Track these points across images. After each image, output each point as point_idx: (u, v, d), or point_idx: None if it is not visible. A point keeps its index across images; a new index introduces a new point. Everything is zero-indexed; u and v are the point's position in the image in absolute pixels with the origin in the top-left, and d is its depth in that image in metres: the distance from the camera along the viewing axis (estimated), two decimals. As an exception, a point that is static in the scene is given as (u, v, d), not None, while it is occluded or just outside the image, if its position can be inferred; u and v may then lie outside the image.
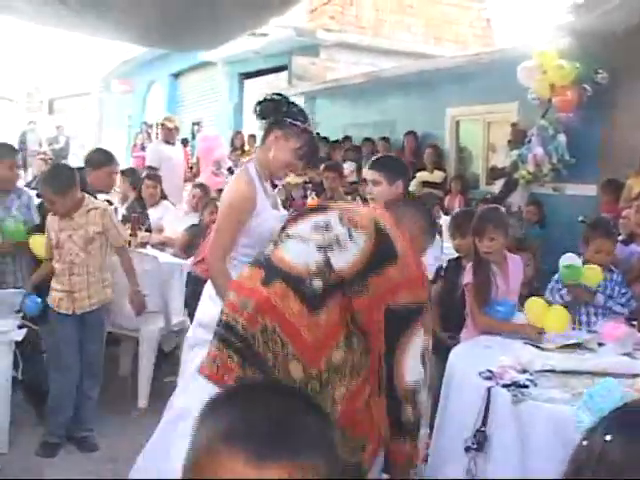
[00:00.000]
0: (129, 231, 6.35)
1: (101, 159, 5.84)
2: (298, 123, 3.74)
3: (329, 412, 2.78)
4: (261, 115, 3.81)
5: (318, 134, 12.79)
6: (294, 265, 2.93)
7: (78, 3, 6.71)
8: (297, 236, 3.06)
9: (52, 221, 4.88)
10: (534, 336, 4.00)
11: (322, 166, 8.91)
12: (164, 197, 7.61)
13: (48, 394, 4.96)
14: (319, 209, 3.21)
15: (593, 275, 4.46)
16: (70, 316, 4.84)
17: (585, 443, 1.25)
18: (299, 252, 2.97)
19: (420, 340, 2.90)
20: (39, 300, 4.94)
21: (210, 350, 3.01)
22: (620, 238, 5.24)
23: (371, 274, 2.84)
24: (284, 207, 4.30)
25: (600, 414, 1.32)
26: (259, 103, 3.84)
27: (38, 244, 5.26)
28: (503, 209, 8.27)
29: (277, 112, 3.75)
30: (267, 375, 2.82)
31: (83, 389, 4.96)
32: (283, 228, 3.24)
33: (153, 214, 7.17)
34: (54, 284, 4.89)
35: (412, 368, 2.88)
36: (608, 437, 1.21)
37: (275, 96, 3.84)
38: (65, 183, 4.79)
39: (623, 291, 4.58)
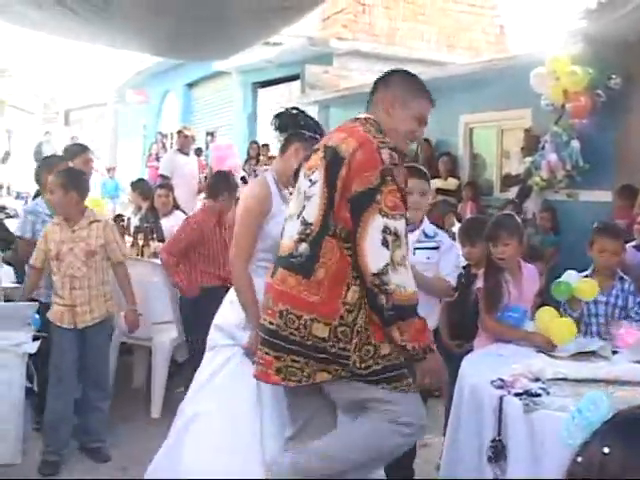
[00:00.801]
0: (142, 241, 6.38)
1: (75, 149, 6.21)
2: (317, 136, 3.85)
3: (371, 340, 2.99)
4: (279, 128, 3.97)
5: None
6: (285, 244, 3.14)
7: (91, 14, 6.77)
8: (288, 217, 3.26)
9: (52, 231, 4.83)
10: (545, 345, 3.97)
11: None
12: (177, 206, 7.62)
13: None
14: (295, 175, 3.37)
15: (588, 288, 4.37)
16: (71, 330, 4.81)
17: (580, 459, 1.23)
18: (289, 230, 3.17)
19: (378, 224, 2.93)
20: (37, 316, 4.93)
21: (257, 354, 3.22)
22: (633, 244, 5.19)
23: (333, 187, 2.99)
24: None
25: (590, 428, 1.29)
26: (277, 117, 3.99)
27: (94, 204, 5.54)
28: (519, 216, 8.27)
29: (295, 125, 3.92)
30: (303, 349, 2.97)
31: (90, 401, 4.94)
32: None
33: (166, 223, 7.19)
34: (54, 298, 4.85)
35: (374, 254, 2.92)
36: (606, 450, 1.19)
37: (292, 110, 4.01)
38: (72, 181, 4.80)
39: (638, 300, 4.51)
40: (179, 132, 10.79)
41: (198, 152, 13.23)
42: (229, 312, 3.83)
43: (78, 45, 18.49)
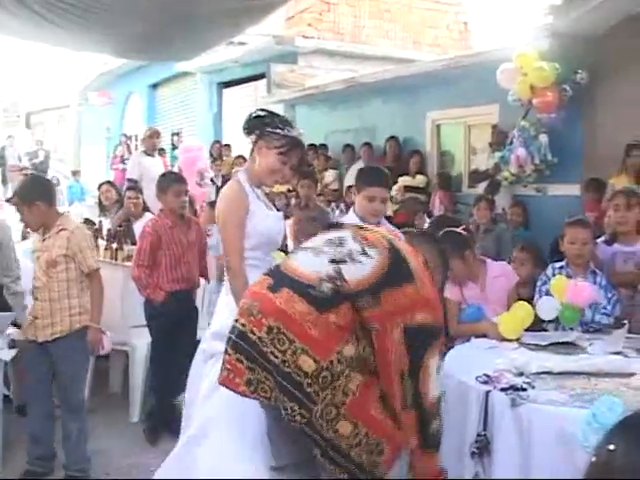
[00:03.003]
0: (115, 245, 6.33)
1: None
2: (278, 130, 3.90)
3: (339, 404, 2.86)
4: (247, 131, 4.00)
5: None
6: (303, 272, 2.99)
7: (56, 17, 6.70)
8: (309, 248, 3.13)
9: (34, 241, 4.69)
10: (495, 335, 4.15)
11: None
12: (146, 209, 7.55)
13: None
14: (333, 227, 3.27)
15: (560, 285, 4.43)
16: (34, 343, 4.56)
17: (594, 459, 1.27)
18: (310, 262, 3.03)
19: (437, 361, 2.96)
20: None
21: (224, 357, 3.05)
22: (603, 238, 5.25)
23: (385, 289, 2.90)
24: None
25: (604, 431, 1.34)
26: (245, 122, 4.02)
27: None
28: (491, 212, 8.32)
29: (261, 126, 3.94)
30: (275, 374, 2.85)
31: (63, 423, 4.65)
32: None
33: (138, 226, 7.14)
34: None
35: (434, 384, 2.94)
36: (611, 447, 1.24)
37: (260, 112, 4.03)
38: (34, 194, 4.51)
39: (609, 295, 4.58)
40: (155, 132, 10.66)
41: (161, 152, 13.11)
42: (226, 319, 3.74)
43: (39, 47, 18.28)
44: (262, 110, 4.06)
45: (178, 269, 5.46)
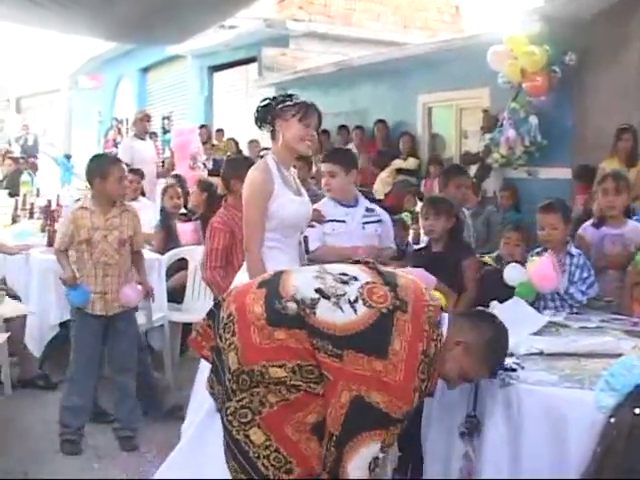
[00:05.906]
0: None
1: None
2: (287, 102, 4.07)
3: (255, 411, 2.78)
4: (261, 122, 4.16)
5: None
6: (287, 284, 2.91)
7: (50, 1, 6.68)
8: (321, 269, 3.02)
9: (82, 217, 4.78)
10: None
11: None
12: (142, 193, 7.55)
13: None
14: (366, 266, 3.10)
15: (535, 261, 4.45)
16: (101, 317, 4.84)
17: (613, 420, 1.29)
18: (304, 280, 2.94)
19: (375, 449, 2.74)
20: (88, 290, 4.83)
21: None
22: (590, 222, 5.25)
23: (349, 349, 2.73)
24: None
25: (623, 392, 1.34)
26: (256, 117, 4.19)
27: None
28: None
29: (271, 109, 4.10)
30: (215, 353, 2.96)
31: (118, 386, 5.00)
32: None
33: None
34: (86, 284, 4.81)
35: (357, 470, 2.74)
36: (637, 410, 1.25)
37: (263, 101, 4.19)
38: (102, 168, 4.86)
39: (585, 275, 4.52)
40: (141, 118, 10.59)
41: (152, 136, 13.07)
42: None
43: (28, 31, 18.17)
44: (264, 99, 4.21)
45: None
